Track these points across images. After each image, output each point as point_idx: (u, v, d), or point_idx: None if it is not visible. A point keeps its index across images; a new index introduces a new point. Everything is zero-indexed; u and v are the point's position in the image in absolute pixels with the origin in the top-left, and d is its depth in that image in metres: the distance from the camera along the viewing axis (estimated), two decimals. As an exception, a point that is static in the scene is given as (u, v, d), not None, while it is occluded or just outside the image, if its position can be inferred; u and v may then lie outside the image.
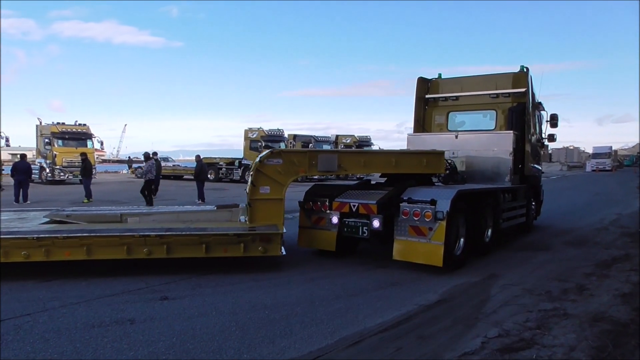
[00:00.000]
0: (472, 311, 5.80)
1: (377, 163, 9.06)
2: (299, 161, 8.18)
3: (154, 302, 5.99)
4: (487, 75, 11.82)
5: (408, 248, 7.61)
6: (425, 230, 7.46)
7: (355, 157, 8.92)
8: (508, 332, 5.03)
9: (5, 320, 5.22)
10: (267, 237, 7.40)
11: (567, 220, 14.28)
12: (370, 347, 4.72)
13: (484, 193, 9.16)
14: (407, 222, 7.62)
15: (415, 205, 7.56)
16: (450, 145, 10.86)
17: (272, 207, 7.99)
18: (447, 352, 4.57)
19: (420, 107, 12.38)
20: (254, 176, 8.01)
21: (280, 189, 8.02)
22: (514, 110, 10.97)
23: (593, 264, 8.32)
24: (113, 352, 4.46)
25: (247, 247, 7.34)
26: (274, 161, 8.03)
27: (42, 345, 4.58)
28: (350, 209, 8.02)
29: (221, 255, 7.33)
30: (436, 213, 7.35)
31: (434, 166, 9.18)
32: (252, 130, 35.11)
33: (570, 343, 4.75)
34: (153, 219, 8.86)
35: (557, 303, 6.07)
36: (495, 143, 10.52)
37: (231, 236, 7.33)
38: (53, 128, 30.98)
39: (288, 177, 8.08)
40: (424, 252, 7.46)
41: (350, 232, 8.08)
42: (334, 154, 8.67)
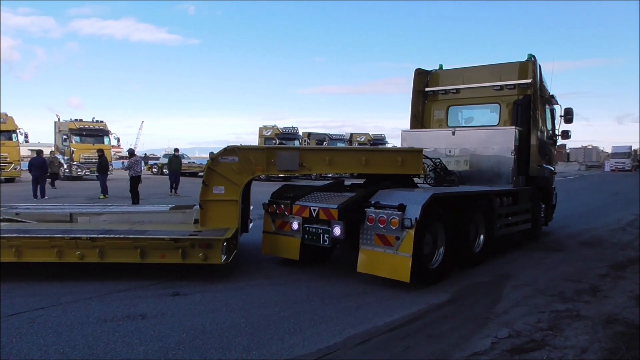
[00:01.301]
0: (482, 311, 5.77)
1: (344, 162, 7.98)
2: (255, 159, 7.49)
3: (165, 298, 6.04)
4: (491, 66, 10.78)
5: (373, 259, 6.65)
6: (391, 239, 6.47)
7: (318, 155, 7.91)
8: (519, 333, 4.99)
9: (19, 314, 5.31)
10: (208, 243, 6.68)
11: (584, 221, 14.09)
12: (379, 346, 4.71)
13: (472, 196, 8.19)
14: (373, 229, 6.66)
15: (382, 210, 6.59)
16: (446, 142, 10.11)
17: (226, 209, 7.41)
18: (456, 351, 4.54)
19: (418, 102, 11.49)
20: (206, 175, 7.48)
21: (236, 190, 7.40)
22: (519, 103, 9.96)
23: (608, 265, 8.21)
24: (124, 347, 4.52)
25: (186, 254, 6.68)
26: (229, 159, 7.43)
27: (55, 339, 4.65)
28: (310, 213, 7.11)
29: (159, 262, 6.76)
30: (403, 220, 6.36)
31: (410, 166, 7.95)
32: (266, 128, 35.25)
33: (582, 345, 4.70)
34: (103, 219, 8.39)
35: (570, 304, 6.00)
36: (495, 140, 9.56)
37: (167, 241, 6.65)
38: (71, 125, 31.44)
39: (244, 177, 7.47)
40: (390, 265, 6.49)
41: (311, 239, 7.21)
42: (295, 151, 7.83)
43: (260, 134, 35.22)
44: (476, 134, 9.94)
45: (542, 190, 10.93)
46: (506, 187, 9.30)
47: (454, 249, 7.38)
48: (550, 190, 11.44)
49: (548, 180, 11.22)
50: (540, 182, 10.63)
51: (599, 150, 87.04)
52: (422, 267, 6.63)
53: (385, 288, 6.59)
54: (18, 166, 28.42)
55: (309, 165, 7.66)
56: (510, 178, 9.34)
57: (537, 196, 10.58)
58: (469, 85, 10.89)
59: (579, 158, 76.86)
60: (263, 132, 35.21)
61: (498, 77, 10.46)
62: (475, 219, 8.15)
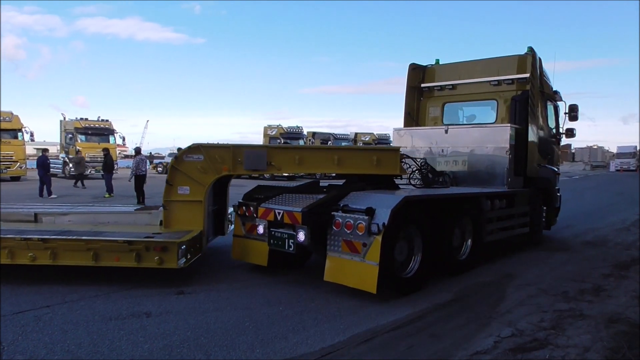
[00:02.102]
0: (486, 310, 5.78)
1: (315, 161, 7.55)
2: (222, 158, 7.11)
3: (170, 296, 6.09)
4: (489, 60, 10.16)
5: (340, 267, 6.15)
6: (359, 246, 5.95)
7: (287, 153, 7.48)
8: (522, 332, 5.00)
9: (25, 312, 5.36)
10: (163, 246, 6.34)
11: (588, 220, 14.06)
12: (382, 345, 4.73)
13: (456, 199, 7.61)
14: (340, 235, 6.13)
15: (349, 215, 6.06)
16: (439, 141, 9.57)
17: (192, 210, 7.10)
18: (459, 350, 4.56)
19: (413, 98, 10.93)
20: (170, 174, 7.15)
21: (201, 190, 7.08)
22: (517, 99, 9.37)
23: (612, 265, 8.20)
24: (129, 345, 4.56)
25: (141, 257, 6.33)
26: (194, 157, 7.10)
27: (61, 337, 4.70)
28: (275, 217, 6.62)
29: (113, 265, 6.46)
30: (370, 226, 5.81)
31: (387, 166, 7.42)
32: (271, 128, 35.32)
33: (584, 344, 4.71)
34: (68, 220, 8.10)
35: (573, 303, 6.01)
36: (489, 139, 8.99)
37: (121, 243, 6.35)
38: (76, 123, 31.60)
39: (210, 176, 7.12)
40: (356, 274, 5.97)
41: (277, 244, 6.73)
42: (263, 149, 7.39)
43: (265, 134, 35.30)
44: (470, 132, 9.41)
45: (544, 192, 10.26)
46: (499, 188, 8.75)
47: (435, 256, 6.86)
48: (552, 192, 10.65)
49: (550, 181, 10.50)
50: (540, 184, 10.03)
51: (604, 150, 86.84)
52: (394, 276, 6.17)
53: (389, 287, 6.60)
54: (24, 165, 28.57)
55: (278, 165, 7.29)
56: (505, 179, 8.78)
57: (538, 198, 9.96)
58: (464, 81, 10.39)
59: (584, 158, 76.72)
60: (268, 131, 35.28)
61: (496, 72, 9.96)
62: (461, 223, 7.61)
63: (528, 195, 9.50)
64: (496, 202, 8.42)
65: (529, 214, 9.53)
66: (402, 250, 6.38)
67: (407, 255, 6.49)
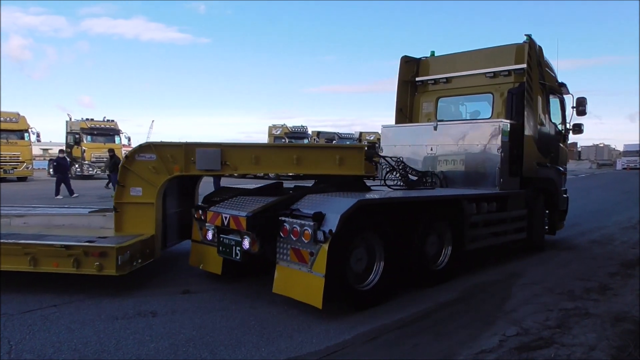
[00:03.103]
0: (491, 309, 5.77)
1: (272, 160, 6.98)
2: (173, 157, 6.71)
3: (176, 296, 6.12)
4: (486, 50, 9.47)
5: (288, 278, 5.64)
6: (306, 255, 5.40)
7: (244, 152, 6.92)
8: (527, 331, 5.00)
9: (33, 311, 5.41)
10: (102, 252, 5.96)
11: (594, 219, 14.00)
12: (387, 343, 4.75)
13: (427, 203, 6.89)
14: (289, 242, 5.62)
15: (296, 220, 5.53)
16: (428, 138, 8.91)
17: (144, 213, 6.75)
18: (464, 349, 4.56)
19: (406, 93, 10.28)
20: (121, 174, 6.82)
21: (153, 191, 6.73)
22: (514, 92, 8.64)
23: (618, 264, 8.17)
24: (135, 343, 4.59)
25: (80, 262, 5.98)
26: (146, 157, 6.75)
27: (67, 336, 4.73)
28: (222, 221, 6.19)
29: (53, 271, 6.12)
30: (315, 233, 5.25)
31: (351, 165, 6.76)
32: (276, 127, 35.44)
33: (590, 342, 4.70)
34: (23, 222, 7.79)
35: (579, 302, 5.99)
36: (480, 136, 8.28)
37: (58, 248, 6.00)
38: (82, 124, 31.79)
39: (162, 177, 6.75)
40: (304, 286, 5.43)
41: (224, 252, 6.27)
42: (217, 148, 6.81)
43: (270, 133, 35.42)
44: (459, 128, 8.74)
45: (547, 193, 9.45)
46: (489, 190, 8.04)
47: (402, 266, 6.34)
48: (557, 193, 9.78)
49: (554, 182, 9.68)
50: (541, 184, 9.21)
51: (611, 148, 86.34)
52: (349, 288, 5.62)
53: (393, 286, 6.61)
54: (30, 165, 28.77)
55: (234, 164, 6.80)
56: (497, 180, 8.06)
57: (539, 201, 9.14)
58: (458, 73, 9.72)
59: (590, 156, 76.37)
60: (272, 130, 35.40)
61: (493, 63, 9.26)
62: (438, 229, 6.93)
63: (525, 198, 8.74)
64: (483, 205, 7.68)
65: (526, 218, 8.70)
66: (361, 259, 5.84)
67: (368, 265, 5.93)
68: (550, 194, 9.54)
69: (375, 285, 5.89)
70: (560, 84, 9.98)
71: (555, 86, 9.81)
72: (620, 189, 26.61)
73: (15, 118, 28.15)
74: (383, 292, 6.00)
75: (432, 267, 6.85)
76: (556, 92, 9.84)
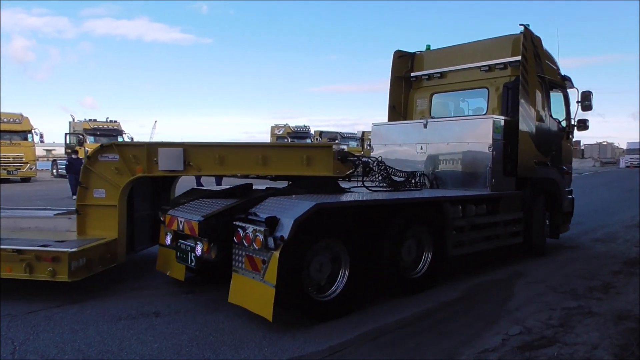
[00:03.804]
0: (494, 308, 5.78)
1: (237, 160, 6.60)
2: (136, 157, 6.44)
3: (179, 296, 6.13)
4: (482, 42, 9.01)
5: (243, 287, 5.26)
6: (259, 263, 5.03)
7: (207, 152, 6.56)
8: (530, 330, 5.00)
9: (36, 312, 5.43)
10: (55, 256, 5.69)
11: (598, 217, 13.96)
12: (389, 343, 4.75)
13: (403, 206, 6.38)
14: (243, 249, 5.26)
15: (250, 225, 5.14)
16: (417, 137, 8.46)
17: (107, 215, 6.52)
18: (466, 348, 4.57)
19: (399, 90, 9.85)
20: (83, 175, 6.60)
21: (117, 193, 6.50)
22: (510, 87, 8.16)
23: (621, 262, 8.17)
24: (138, 344, 4.61)
25: (33, 268, 5.74)
26: (109, 157, 6.49)
27: (71, 336, 4.75)
28: (178, 226, 5.92)
29: (7, 277, 5.84)
30: (266, 240, 4.86)
31: (319, 165, 6.34)
32: (278, 127, 35.50)
33: (593, 341, 4.70)
34: None
35: (582, 301, 5.99)
36: (470, 133, 7.83)
37: (10, 253, 5.74)
38: (85, 125, 31.83)
39: (124, 178, 6.50)
40: (257, 296, 5.04)
41: (182, 258, 5.96)
42: (179, 147, 6.49)
43: (272, 133, 35.49)
44: (450, 126, 8.31)
45: (548, 194, 8.85)
46: (480, 191, 7.57)
47: (371, 274, 5.94)
48: (560, 194, 9.17)
49: (555, 182, 9.06)
50: (541, 185, 8.61)
51: (614, 146, 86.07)
52: (308, 299, 5.24)
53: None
54: (34, 166, 28.84)
55: (197, 165, 6.48)
56: (488, 180, 7.57)
57: (538, 202, 8.55)
58: (452, 68, 9.24)
59: (593, 154, 76.06)
60: (275, 130, 35.47)
61: (489, 56, 8.77)
62: (416, 233, 6.45)
63: (522, 199, 8.19)
64: (470, 207, 7.15)
65: (522, 221, 8.14)
66: (323, 268, 5.43)
67: (332, 273, 5.53)
68: (552, 195, 8.96)
69: (339, 296, 5.45)
70: (564, 77, 9.43)
71: (558, 79, 9.25)
72: (624, 187, 26.52)
73: (19, 119, 28.19)
74: (349, 302, 5.54)
75: (410, 275, 6.36)
76: (558, 86, 9.31)
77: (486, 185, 7.58)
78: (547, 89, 8.79)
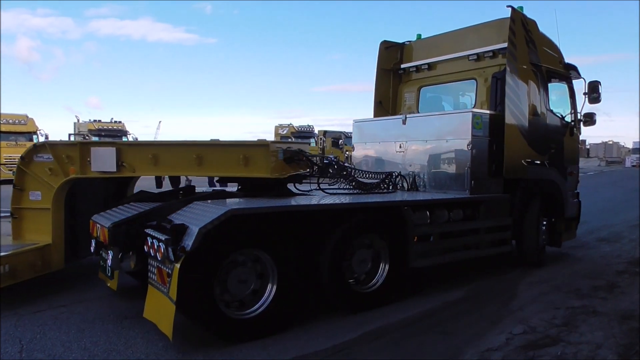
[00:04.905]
0: (497, 308, 5.78)
1: (172, 160, 6.07)
2: (69, 158, 6.02)
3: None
4: (471, 28, 8.15)
5: (154, 301, 4.77)
6: (166, 276, 4.53)
7: (140, 151, 6.10)
8: (534, 329, 5.00)
9: (43, 311, 5.47)
10: None
11: (603, 217, 13.89)
12: (393, 342, 4.77)
13: (347, 212, 5.63)
14: (154, 260, 4.76)
15: (158, 234, 4.62)
16: (397, 134, 7.78)
17: (43, 219, 6.15)
18: (470, 347, 4.58)
19: (386, 83, 9.18)
20: (17, 177, 6.25)
21: (50, 195, 6.13)
22: (500, 77, 7.31)
23: (626, 262, 8.14)
24: (143, 342, 4.64)
25: None
26: (44, 157, 6.11)
27: (77, 335, 4.79)
28: (96, 232, 5.49)
29: None
30: (168, 251, 4.36)
31: (255, 165, 5.73)
32: (282, 127, 35.54)
33: (597, 340, 4.70)
34: None
35: (586, 300, 5.99)
36: (449, 129, 7.08)
37: None
38: (90, 125, 32.06)
39: (59, 179, 6.10)
40: (162, 312, 4.56)
41: (102, 267, 5.61)
42: (111, 147, 6.03)
43: (276, 133, 35.54)
44: (429, 121, 7.52)
45: (547, 198, 7.88)
46: (449, 195, 6.89)
47: (310, 289, 5.38)
48: (561, 198, 8.15)
49: (555, 184, 8.05)
50: (536, 187, 7.66)
51: (620, 145, 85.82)
52: (218, 317, 4.62)
53: (400, 285, 6.61)
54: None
55: (131, 165, 6.00)
56: (467, 182, 6.82)
57: (532, 207, 7.56)
58: (439, 58, 8.51)
59: (599, 153, 75.96)
60: (279, 130, 35.52)
61: (479, 43, 7.96)
62: (369, 242, 5.78)
63: (510, 203, 7.29)
64: (441, 213, 6.40)
65: (510, 228, 7.26)
66: (245, 282, 4.87)
67: (259, 288, 4.96)
68: (551, 199, 8.00)
69: (264, 313, 4.86)
70: (568, 66, 8.37)
71: (559, 68, 8.22)
72: (629, 186, 26.40)
73: (24, 120, 28.33)
74: (276, 320, 4.94)
75: (362, 289, 5.71)
76: (560, 76, 8.28)
77: (465, 187, 6.87)
78: (544, 79, 7.83)
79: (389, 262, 5.83)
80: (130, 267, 5.31)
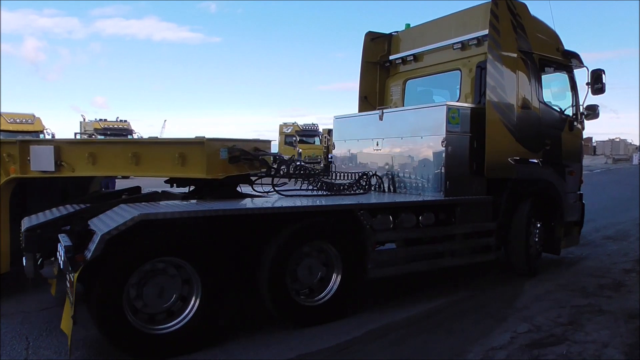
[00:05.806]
0: (502, 306, 5.76)
1: (109, 159, 5.71)
2: (10, 156, 5.71)
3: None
4: (459, 14, 7.48)
5: (67, 311, 4.27)
6: (71, 285, 4.06)
7: (78, 149, 5.73)
8: (539, 328, 4.99)
9: (49, 308, 5.51)
10: None
11: (609, 215, 13.81)
12: (397, 340, 4.77)
13: (287, 216, 5.05)
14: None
15: (66, 240, 4.22)
16: (374, 131, 7.26)
17: None
18: (474, 346, 4.57)
19: (371, 77, 8.65)
20: None
21: None
22: (484, 67, 6.64)
23: (633, 260, 8.10)
24: (148, 341, 4.64)
25: None
26: None
27: (84, 332, 4.79)
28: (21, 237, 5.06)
29: None
30: (65, 259, 4.01)
31: (192, 165, 5.36)
32: (286, 125, 35.41)
33: (603, 339, 4.68)
34: None
35: (592, 299, 5.96)
36: (424, 125, 6.47)
37: None
38: (95, 124, 32.13)
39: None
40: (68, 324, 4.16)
41: None
42: (49, 145, 5.69)
43: (281, 131, 35.42)
44: (405, 117, 6.98)
45: (542, 199, 7.22)
46: (438, 197, 6.24)
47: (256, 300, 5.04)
48: (559, 199, 7.44)
49: (551, 184, 7.33)
50: (528, 188, 7.00)
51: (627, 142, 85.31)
52: (130, 333, 4.22)
53: (404, 283, 6.61)
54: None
55: (70, 164, 5.67)
56: (441, 183, 6.22)
57: (521, 210, 6.84)
58: (423, 48, 7.93)
59: (605, 151, 75.55)
60: (283, 129, 35.40)
61: (463, 30, 7.34)
62: (318, 250, 5.26)
63: (493, 206, 6.62)
64: (408, 217, 5.83)
65: (494, 233, 6.58)
66: (162, 294, 4.44)
67: (182, 300, 4.54)
68: (548, 201, 7.33)
69: (185, 327, 4.43)
70: (567, 53, 7.68)
71: (556, 56, 7.53)
72: (636, 184, 26.22)
73: (31, 119, 28.42)
74: (199, 334, 4.51)
75: (309, 302, 5.19)
76: (557, 64, 7.54)
77: (439, 189, 6.27)
78: (537, 68, 7.15)
79: (341, 272, 5.28)
80: (54, 273, 5.05)
